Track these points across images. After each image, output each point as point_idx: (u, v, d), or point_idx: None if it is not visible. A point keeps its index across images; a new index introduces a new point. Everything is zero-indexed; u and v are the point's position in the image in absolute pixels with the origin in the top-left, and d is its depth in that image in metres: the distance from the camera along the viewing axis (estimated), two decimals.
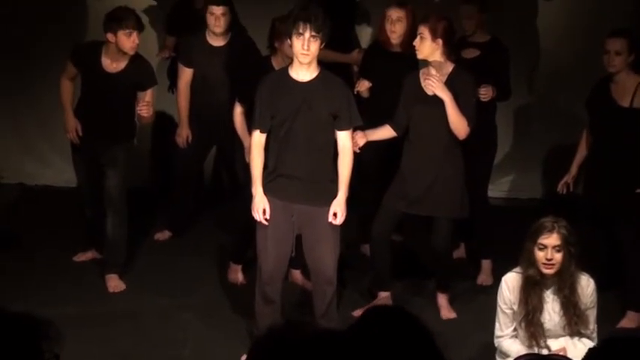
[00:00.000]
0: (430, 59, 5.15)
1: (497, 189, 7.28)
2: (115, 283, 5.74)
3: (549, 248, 4.19)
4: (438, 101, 5.07)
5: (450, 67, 5.18)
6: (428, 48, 5.11)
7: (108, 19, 5.52)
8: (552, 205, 6.62)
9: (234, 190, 6.22)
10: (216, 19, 5.99)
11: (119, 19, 5.46)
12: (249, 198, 4.89)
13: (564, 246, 4.20)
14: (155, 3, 7.30)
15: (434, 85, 5.06)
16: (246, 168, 5.13)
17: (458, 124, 5.08)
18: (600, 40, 5.45)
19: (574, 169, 5.58)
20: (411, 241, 6.25)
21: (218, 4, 5.99)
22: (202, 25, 6.12)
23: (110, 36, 5.50)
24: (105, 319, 5.37)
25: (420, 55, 5.17)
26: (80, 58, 5.67)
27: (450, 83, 5.11)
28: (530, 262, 4.24)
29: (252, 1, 6.81)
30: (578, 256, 4.24)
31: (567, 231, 4.22)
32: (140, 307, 5.52)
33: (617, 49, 5.27)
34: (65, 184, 7.04)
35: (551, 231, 4.20)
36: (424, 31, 5.09)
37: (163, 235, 6.53)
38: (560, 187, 5.60)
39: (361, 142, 5.14)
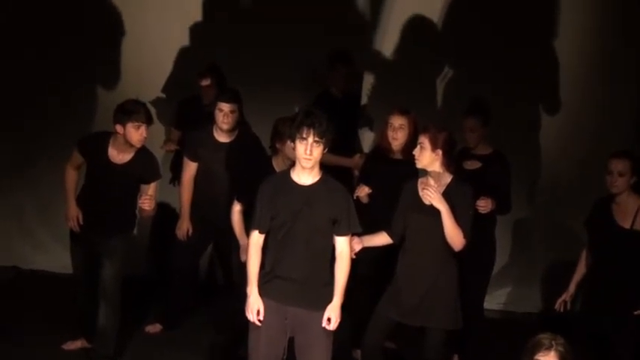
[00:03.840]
0: (429, 169, 5.18)
1: (494, 301, 7.23)
2: None
3: None
4: (434, 211, 5.07)
5: (448, 178, 5.20)
6: (427, 158, 5.14)
7: (118, 111, 5.55)
8: (549, 322, 6.61)
9: (228, 287, 6.19)
10: (225, 115, 6.05)
11: (130, 111, 5.50)
12: (243, 297, 4.86)
13: None
14: (164, 96, 7.39)
15: (431, 195, 5.07)
16: (242, 267, 5.12)
17: (453, 235, 5.08)
18: (601, 154, 5.49)
19: (572, 287, 5.55)
20: (404, 349, 6.18)
21: (228, 102, 6.04)
22: (209, 121, 6.18)
23: (119, 127, 5.54)
24: None
25: (419, 165, 5.20)
26: (87, 147, 5.70)
27: (447, 194, 5.12)
28: None
29: (256, 99, 6.86)
30: None
31: (565, 349, 4.15)
32: None
33: (620, 170, 5.29)
34: (60, 270, 7.01)
35: (549, 348, 4.13)
36: (424, 140, 5.13)
37: (154, 328, 6.46)
38: (558, 305, 5.55)
39: (357, 247, 5.13)
